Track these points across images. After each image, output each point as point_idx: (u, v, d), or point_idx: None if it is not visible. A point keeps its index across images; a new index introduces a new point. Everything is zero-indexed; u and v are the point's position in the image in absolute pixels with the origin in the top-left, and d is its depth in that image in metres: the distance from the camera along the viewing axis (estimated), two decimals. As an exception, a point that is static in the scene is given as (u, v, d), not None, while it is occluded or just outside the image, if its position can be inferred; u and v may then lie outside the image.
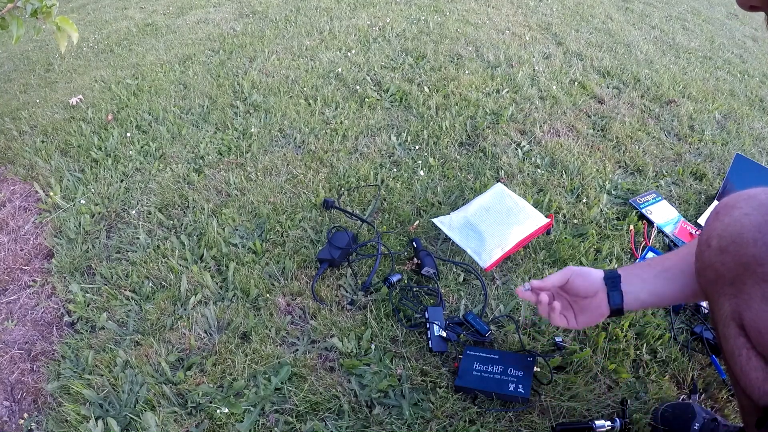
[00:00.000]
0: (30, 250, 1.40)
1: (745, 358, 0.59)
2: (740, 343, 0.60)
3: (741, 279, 0.59)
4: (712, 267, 0.64)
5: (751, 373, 0.59)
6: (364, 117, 1.86)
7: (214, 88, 2.10)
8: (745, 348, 0.59)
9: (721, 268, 0.62)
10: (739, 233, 0.60)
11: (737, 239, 0.60)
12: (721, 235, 0.62)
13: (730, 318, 0.61)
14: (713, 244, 0.63)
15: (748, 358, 0.59)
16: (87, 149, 1.75)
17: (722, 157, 1.74)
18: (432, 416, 0.95)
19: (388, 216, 1.41)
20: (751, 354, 0.59)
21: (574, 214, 1.43)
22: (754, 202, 0.61)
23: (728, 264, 0.61)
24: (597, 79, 2.21)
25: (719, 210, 0.65)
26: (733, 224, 0.61)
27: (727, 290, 0.61)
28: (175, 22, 3.00)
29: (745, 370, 0.59)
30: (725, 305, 0.62)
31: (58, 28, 1.49)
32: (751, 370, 0.59)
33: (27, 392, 1.06)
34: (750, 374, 0.59)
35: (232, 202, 1.48)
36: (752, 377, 0.59)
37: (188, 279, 1.24)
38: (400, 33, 2.56)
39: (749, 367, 0.59)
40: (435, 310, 1.11)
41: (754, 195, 0.62)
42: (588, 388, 0.99)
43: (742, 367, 0.60)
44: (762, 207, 0.60)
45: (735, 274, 0.60)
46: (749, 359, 0.59)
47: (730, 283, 0.61)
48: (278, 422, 0.95)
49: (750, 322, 0.58)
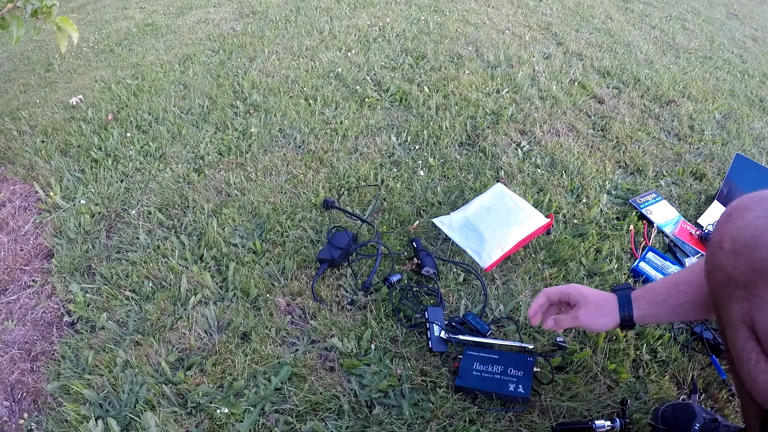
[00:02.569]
0: (30, 250, 1.40)
1: (754, 362, 0.59)
2: (750, 346, 0.59)
3: (754, 283, 0.58)
4: (723, 270, 0.63)
5: (758, 376, 0.59)
6: (364, 117, 1.86)
7: (214, 88, 2.10)
8: (755, 352, 0.59)
9: (733, 271, 0.61)
10: (753, 236, 0.59)
11: (751, 242, 0.59)
12: (734, 237, 0.61)
13: (740, 321, 0.60)
14: (725, 247, 0.62)
15: (757, 361, 0.59)
16: (87, 149, 1.75)
17: (722, 157, 1.74)
18: (432, 416, 0.95)
19: (388, 216, 1.41)
20: (760, 358, 0.58)
21: (574, 214, 1.43)
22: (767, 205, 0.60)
23: (741, 267, 0.60)
24: (597, 79, 2.21)
25: (731, 212, 0.64)
26: (746, 227, 0.60)
27: (739, 293, 0.61)
28: (175, 22, 3.00)
29: (752, 374, 0.59)
30: (735, 308, 0.61)
31: (59, 28, 1.49)
32: (759, 373, 0.58)
33: (27, 392, 1.06)
34: (757, 377, 0.59)
35: (232, 202, 1.48)
36: (759, 380, 0.59)
37: (188, 279, 1.24)
38: (400, 33, 2.56)
39: (757, 370, 0.59)
40: (435, 310, 1.11)
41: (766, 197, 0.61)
42: (588, 388, 0.99)
43: (750, 371, 0.59)
44: None
45: (748, 277, 0.59)
46: (758, 363, 0.59)
47: (743, 286, 0.60)
48: (278, 422, 0.95)
49: (762, 326, 0.58)
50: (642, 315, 0.81)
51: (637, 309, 0.81)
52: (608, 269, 1.26)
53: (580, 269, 1.26)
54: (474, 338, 1.04)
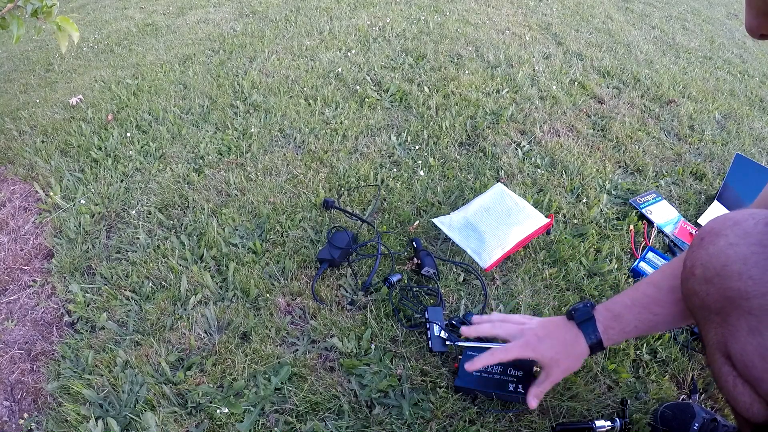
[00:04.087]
0: (30, 250, 1.40)
1: (732, 385, 0.59)
2: (726, 371, 0.59)
3: (726, 311, 0.58)
4: (696, 295, 0.62)
5: (738, 397, 0.58)
6: (364, 117, 1.86)
7: (214, 88, 2.10)
8: (731, 375, 0.59)
9: (705, 298, 0.60)
10: (724, 265, 0.58)
11: (721, 272, 0.58)
12: (705, 265, 0.60)
13: (715, 347, 0.60)
14: (697, 273, 0.62)
15: (734, 384, 0.59)
16: (87, 149, 1.75)
17: (722, 157, 1.74)
18: (432, 416, 0.95)
19: (388, 216, 1.41)
20: (737, 381, 0.58)
21: (574, 214, 1.43)
22: (740, 231, 0.58)
23: (713, 295, 0.59)
24: (597, 79, 2.21)
25: (704, 236, 0.62)
26: (717, 254, 0.59)
27: (713, 318, 0.60)
28: (175, 22, 3.00)
29: (732, 395, 0.59)
30: (711, 333, 0.61)
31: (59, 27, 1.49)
32: (739, 395, 0.58)
33: (27, 392, 1.06)
34: (738, 398, 0.59)
35: (232, 202, 1.48)
36: (740, 401, 0.59)
37: (188, 279, 1.24)
38: (400, 33, 2.56)
39: (736, 392, 0.59)
40: (435, 310, 1.11)
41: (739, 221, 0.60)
42: (588, 388, 0.99)
43: (730, 392, 0.59)
44: (748, 237, 0.57)
45: (720, 305, 0.58)
46: (736, 386, 0.58)
47: (716, 312, 0.59)
48: (278, 422, 0.95)
49: (736, 354, 0.57)
50: (612, 343, 0.81)
51: (606, 340, 0.80)
52: (608, 269, 1.26)
53: (580, 269, 1.26)
54: (475, 344, 1.03)
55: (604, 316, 0.81)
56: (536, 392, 0.87)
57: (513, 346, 0.86)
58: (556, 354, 0.83)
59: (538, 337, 0.85)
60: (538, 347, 0.84)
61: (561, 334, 0.83)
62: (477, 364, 0.88)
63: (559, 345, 0.83)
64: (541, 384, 0.87)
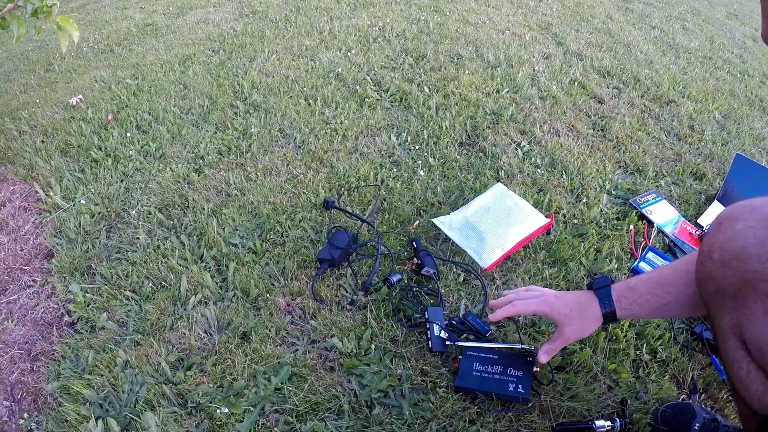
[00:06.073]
0: (30, 250, 1.40)
1: (746, 372, 0.59)
2: (740, 356, 0.59)
3: (743, 294, 0.58)
4: (713, 279, 0.62)
5: (751, 385, 0.58)
6: (364, 117, 1.86)
7: (214, 88, 2.10)
8: (746, 361, 0.59)
9: (722, 281, 0.61)
10: (742, 247, 0.58)
11: (740, 254, 0.58)
12: (724, 248, 0.61)
13: (730, 332, 0.60)
14: (715, 257, 0.62)
15: (748, 371, 0.58)
16: (87, 149, 1.75)
17: (722, 157, 1.74)
18: (432, 416, 0.95)
19: (388, 216, 1.41)
20: (751, 367, 0.58)
21: (574, 214, 1.43)
22: (759, 215, 0.59)
23: (730, 278, 0.59)
24: (597, 79, 2.21)
25: (722, 221, 0.63)
26: (736, 237, 0.59)
27: (728, 303, 0.60)
28: (175, 22, 3.00)
29: (744, 382, 0.59)
30: (725, 318, 0.61)
31: (59, 27, 1.49)
32: (752, 382, 0.58)
33: (27, 392, 1.06)
34: (750, 386, 0.58)
35: (232, 202, 1.48)
36: (752, 389, 0.58)
37: (188, 279, 1.24)
38: (400, 33, 2.56)
39: (749, 379, 0.58)
40: (435, 310, 1.11)
41: (758, 206, 0.60)
42: (588, 388, 0.99)
43: (742, 380, 0.59)
44: (766, 220, 0.58)
45: (737, 288, 0.59)
46: (749, 372, 0.58)
47: (732, 297, 0.59)
48: (278, 422, 0.95)
49: (751, 338, 0.57)
50: (624, 315, 0.82)
51: (619, 309, 0.82)
52: (608, 269, 1.26)
53: (580, 269, 1.26)
54: (475, 344, 1.03)
55: (619, 287, 0.84)
56: (547, 348, 0.89)
57: (532, 301, 0.90)
58: (570, 312, 0.86)
59: (556, 296, 0.90)
60: (555, 304, 0.87)
61: (577, 297, 0.88)
62: (499, 315, 0.91)
63: (574, 305, 0.86)
64: (554, 342, 0.88)
